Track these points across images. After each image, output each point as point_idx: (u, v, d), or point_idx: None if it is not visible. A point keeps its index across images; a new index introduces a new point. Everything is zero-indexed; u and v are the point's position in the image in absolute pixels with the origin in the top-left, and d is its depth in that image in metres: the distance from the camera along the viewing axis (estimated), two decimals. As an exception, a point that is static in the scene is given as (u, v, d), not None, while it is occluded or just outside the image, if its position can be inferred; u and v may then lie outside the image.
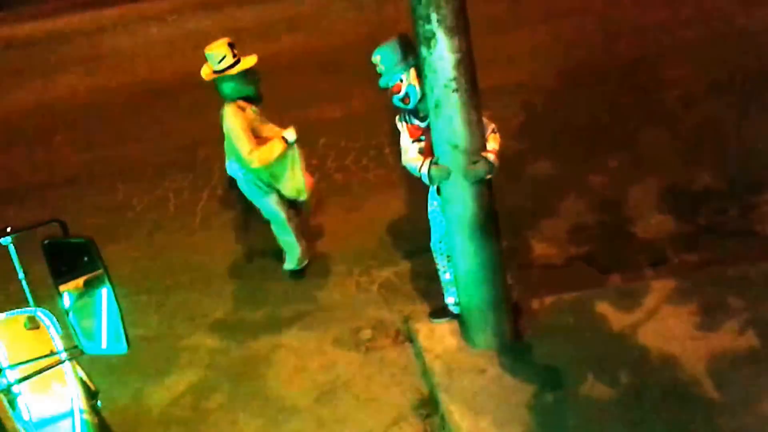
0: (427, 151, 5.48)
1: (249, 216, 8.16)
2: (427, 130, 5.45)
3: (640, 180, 7.68)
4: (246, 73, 6.58)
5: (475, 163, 5.12)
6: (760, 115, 8.39)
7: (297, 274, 7.24)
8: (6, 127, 11.99)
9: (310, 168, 8.29)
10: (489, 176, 5.17)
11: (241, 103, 6.64)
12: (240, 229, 8.22)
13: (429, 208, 5.84)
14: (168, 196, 9.10)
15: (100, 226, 8.63)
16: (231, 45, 6.57)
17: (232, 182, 7.16)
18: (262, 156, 6.52)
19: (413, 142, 5.55)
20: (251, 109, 6.68)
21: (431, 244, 5.93)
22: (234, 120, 6.54)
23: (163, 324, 6.98)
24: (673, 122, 8.62)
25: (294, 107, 10.28)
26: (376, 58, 5.44)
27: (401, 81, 5.40)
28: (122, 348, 3.43)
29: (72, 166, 10.40)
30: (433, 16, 4.81)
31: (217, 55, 6.52)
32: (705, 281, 5.99)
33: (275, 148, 6.58)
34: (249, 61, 6.58)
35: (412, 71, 5.33)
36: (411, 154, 5.55)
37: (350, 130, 8.47)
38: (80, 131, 11.35)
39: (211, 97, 6.88)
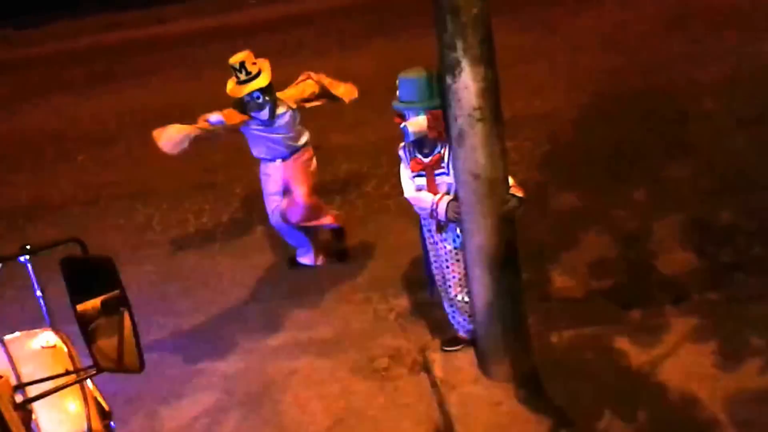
0: (429, 188, 5.52)
1: (270, 239, 8.23)
2: (429, 166, 5.49)
3: (664, 214, 7.65)
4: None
5: (506, 201, 5.15)
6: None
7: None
8: (29, 146, 12.09)
9: (331, 193, 8.36)
10: (518, 212, 5.20)
11: None
12: (260, 252, 8.24)
13: (427, 243, 5.89)
14: (188, 218, 9.15)
15: (120, 247, 8.70)
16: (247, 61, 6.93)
17: None
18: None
19: (414, 176, 5.59)
20: None
21: (430, 278, 6.02)
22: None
23: (178, 346, 6.98)
24: (699, 157, 8.58)
25: (317, 130, 10.38)
26: (397, 82, 5.48)
27: (404, 116, 5.44)
28: (137, 369, 3.45)
29: (94, 186, 10.47)
30: (459, 45, 4.83)
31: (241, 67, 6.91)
32: (727, 319, 5.95)
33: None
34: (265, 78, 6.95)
35: (420, 117, 5.35)
36: (412, 190, 5.60)
37: (372, 156, 8.51)
38: (103, 151, 11.43)
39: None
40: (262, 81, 6.90)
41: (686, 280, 6.78)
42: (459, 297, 5.79)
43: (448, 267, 5.75)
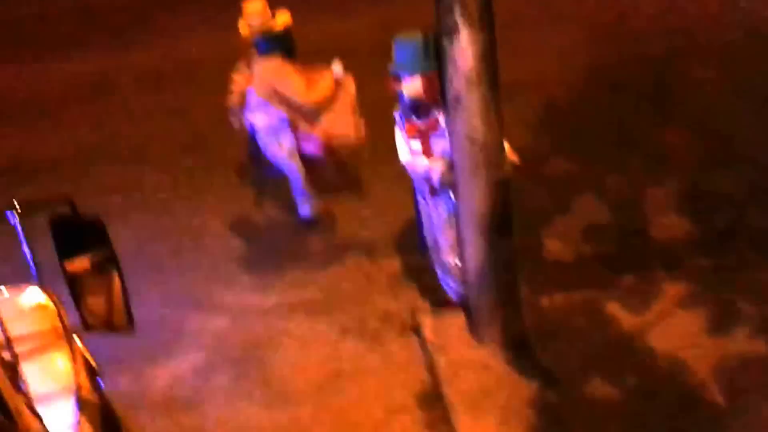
0: (425, 152, 5.51)
1: (263, 199, 8.20)
2: (425, 130, 5.47)
3: (660, 181, 7.64)
4: (283, 30, 7.12)
5: (502, 166, 5.16)
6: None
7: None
8: (20, 102, 11.99)
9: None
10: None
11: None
12: (252, 213, 8.20)
13: (421, 206, 5.88)
14: (179, 178, 9.07)
15: (110, 206, 8.57)
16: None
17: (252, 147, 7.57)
18: (317, 92, 7.05)
19: (410, 140, 5.59)
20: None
21: (422, 242, 6.03)
22: (283, 68, 7.06)
23: (167, 305, 6.96)
24: (694, 124, 8.54)
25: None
26: (393, 45, 5.44)
27: (399, 79, 5.41)
28: (128, 329, 3.45)
29: (83, 144, 10.36)
30: (457, 8, 4.80)
31: (256, 12, 7.04)
32: (717, 286, 5.99)
33: (326, 81, 7.07)
34: (284, 17, 7.15)
35: (415, 81, 5.33)
36: (408, 154, 5.59)
37: (366, 119, 8.40)
38: (91, 109, 11.32)
39: (225, 79, 6.91)
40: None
41: (679, 246, 6.80)
42: (451, 261, 5.80)
43: (440, 231, 5.76)
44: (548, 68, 10.10)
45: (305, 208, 7.73)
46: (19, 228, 4.44)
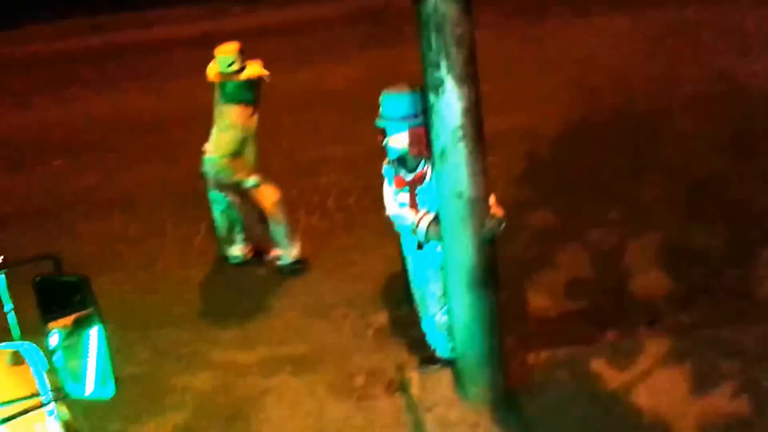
0: (411, 205, 5.45)
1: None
2: (412, 183, 5.42)
3: (639, 235, 7.62)
4: (250, 80, 7.13)
5: (485, 223, 5.09)
6: (759, 176, 8.37)
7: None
8: (4, 149, 11.88)
9: (310, 205, 8.21)
10: (499, 231, 5.14)
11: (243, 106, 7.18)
12: (237, 264, 8.10)
13: (407, 260, 5.81)
14: (165, 228, 8.96)
15: (94, 256, 8.51)
16: (240, 51, 7.11)
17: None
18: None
19: (397, 192, 5.51)
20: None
21: (408, 296, 5.95)
22: (240, 120, 7.18)
23: (151, 362, 6.80)
24: (673, 178, 8.57)
25: (298, 142, 10.29)
26: (381, 99, 5.41)
27: (386, 135, 5.37)
28: (109, 392, 3.35)
29: (70, 192, 10.27)
30: (443, 64, 4.75)
31: (227, 59, 7.05)
32: (699, 343, 5.94)
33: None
34: (254, 70, 7.14)
35: (402, 134, 5.30)
36: (396, 206, 5.53)
37: (353, 168, 8.42)
38: (81, 157, 11.23)
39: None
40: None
41: (660, 301, 6.78)
42: (437, 317, 5.71)
43: (427, 286, 5.67)
44: (528, 120, 10.14)
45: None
46: (3, 285, 4.35)
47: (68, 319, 3.29)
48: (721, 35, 12.51)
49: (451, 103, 4.84)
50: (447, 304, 5.54)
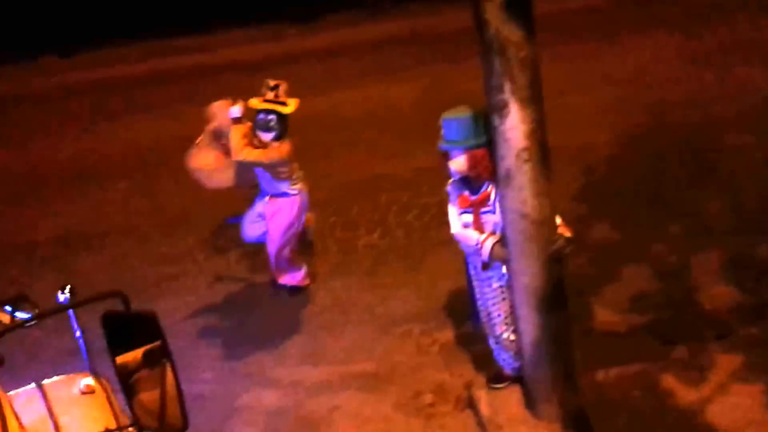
0: (475, 225, 5.35)
1: (314, 269, 8.03)
2: (476, 204, 5.31)
3: (703, 248, 7.41)
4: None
5: (552, 244, 4.97)
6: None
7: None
8: (72, 174, 11.94)
9: (371, 223, 8.11)
10: (567, 251, 5.02)
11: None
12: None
13: (473, 279, 5.70)
14: (230, 247, 8.93)
15: (161, 277, 8.53)
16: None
17: None
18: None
19: (461, 213, 5.42)
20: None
21: (474, 313, 5.82)
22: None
23: (219, 381, 6.76)
24: (735, 191, 8.34)
25: (357, 160, 10.19)
26: (441, 122, 5.31)
27: (450, 157, 5.29)
28: (180, 427, 3.25)
29: (135, 213, 10.31)
30: (507, 86, 4.68)
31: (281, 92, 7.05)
32: (771, 356, 5.73)
33: None
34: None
35: (461, 157, 5.22)
36: (460, 226, 5.44)
37: (412, 185, 8.32)
38: (145, 179, 11.27)
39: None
40: (286, 109, 7.02)
41: (728, 315, 6.55)
42: (505, 335, 5.58)
43: (494, 305, 5.55)
44: (582, 136, 9.95)
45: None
46: (74, 318, 4.29)
47: (137, 353, 3.19)
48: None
49: (515, 125, 4.76)
50: (515, 324, 5.39)
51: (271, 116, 6.99)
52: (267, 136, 7.05)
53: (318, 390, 6.44)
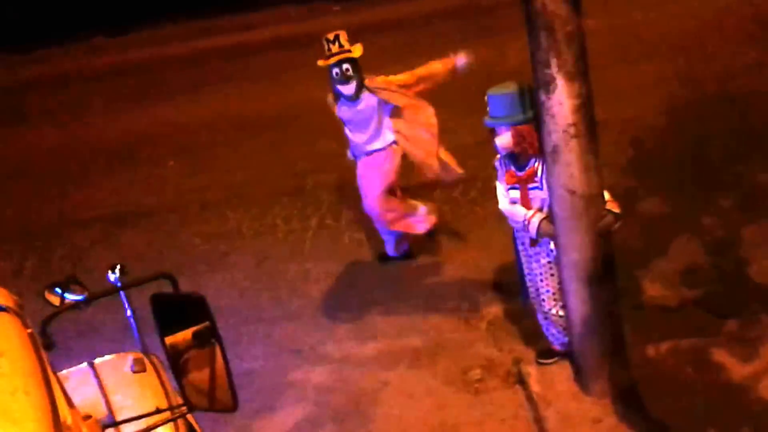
0: (523, 201, 5.28)
1: (358, 245, 7.99)
2: (523, 180, 5.24)
3: (753, 221, 7.21)
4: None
5: (600, 220, 4.89)
6: None
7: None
8: (121, 151, 12.00)
9: (417, 198, 8.06)
10: (615, 227, 4.92)
11: None
12: (349, 258, 8.02)
13: (521, 255, 5.63)
14: (277, 224, 8.93)
15: (210, 254, 8.55)
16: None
17: None
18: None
19: (508, 189, 5.35)
20: None
21: (523, 289, 5.75)
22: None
23: (269, 357, 6.75)
24: (785, 161, 8.15)
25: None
26: (486, 98, 5.23)
27: (495, 131, 5.22)
28: (230, 407, 3.23)
29: (184, 191, 10.34)
30: (553, 62, 4.59)
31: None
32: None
33: None
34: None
35: (507, 133, 5.15)
36: (507, 203, 5.38)
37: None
38: (193, 157, 11.28)
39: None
40: (355, 53, 6.91)
41: (779, 288, 6.39)
42: (553, 311, 5.51)
43: (542, 281, 5.47)
44: (630, 109, 9.76)
45: (390, 248, 7.70)
46: (125, 299, 4.28)
47: (186, 333, 3.18)
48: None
49: (562, 101, 4.67)
50: (563, 300, 5.31)
51: (346, 65, 6.86)
52: (348, 89, 6.94)
53: (367, 366, 6.40)
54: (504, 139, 5.18)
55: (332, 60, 6.85)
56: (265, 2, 18.75)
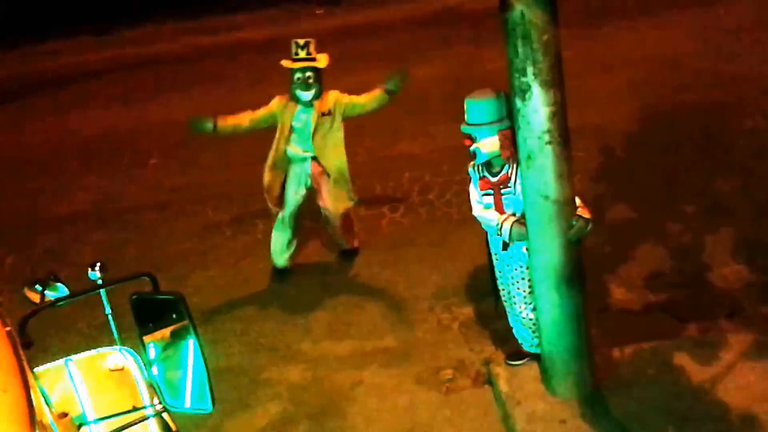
0: (496, 206, 5.27)
1: (335, 247, 7.97)
2: (496, 186, 5.24)
3: (716, 228, 7.29)
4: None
5: (572, 224, 4.88)
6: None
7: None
8: (102, 149, 11.92)
9: (394, 201, 8.06)
10: (585, 232, 4.93)
11: None
12: (326, 258, 8.00)
13: (492, 258, 5.61)
14: (256, 223, 8.86)
15: (189, 252, 8.49)
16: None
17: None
18: None
19: (482, 194, 5.33)
20: None
21: (494, 291, 5.73)
22: None
23: (244, 355, 6.69)
24: (747, 173, 8.21)
25: (381, 140, 10.11)
26: (465, 105, 5.22)
27: (471, 137, 5.18)
28: (206, 406, 3.21)
29: (164, 189, 10.27)
30: (530, 70, 4.58)
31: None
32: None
33: None
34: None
35: (492, 138, 5.11)
36: (481, 208, 5.36)
37: (434, 165, 8.23)
38: (175, 155, 11.22)
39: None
40: (320, 63, 6.99)
41: (739, 294, 6.45)
42: (524, 313, 5.49)
43: (513, 284, 5.46)
44: (600, 116, 9.82)
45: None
46: (105, 297, 4.25)
47: (165, 332, 3.16)
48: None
49: (537, 108, 4.66)
50: (534, 302, 5.32)
51: (309, 73, 6.94)
52: (307, 95, 7.00)
53: (342, 364, 6.37)
54: (488, 145, 5.14)
55: (298, 65, 6.94)
56: (249, 4, 18.74)
